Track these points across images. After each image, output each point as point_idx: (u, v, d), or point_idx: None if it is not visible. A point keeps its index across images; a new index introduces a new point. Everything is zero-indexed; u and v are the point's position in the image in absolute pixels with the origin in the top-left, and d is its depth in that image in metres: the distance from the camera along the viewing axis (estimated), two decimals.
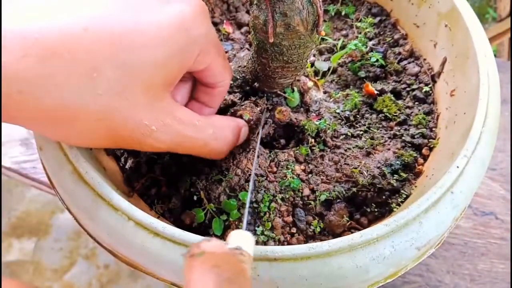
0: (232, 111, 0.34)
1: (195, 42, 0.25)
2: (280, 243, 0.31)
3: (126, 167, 0.35)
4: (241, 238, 0.21)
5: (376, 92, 0.39)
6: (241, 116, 0.34)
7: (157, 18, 0.23)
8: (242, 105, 0.35)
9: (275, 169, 0.34)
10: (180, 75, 0.25)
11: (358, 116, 0.39)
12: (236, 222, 0.31)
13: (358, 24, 0.45)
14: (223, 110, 0.35)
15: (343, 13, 0.47)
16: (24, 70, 0.19)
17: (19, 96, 0.19)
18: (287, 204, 0.33)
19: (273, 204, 0.32)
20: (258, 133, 0.34)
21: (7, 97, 0.19)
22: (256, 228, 0.31)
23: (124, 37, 0.21)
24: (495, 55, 0.35)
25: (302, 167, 0.35)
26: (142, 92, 0.23)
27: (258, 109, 0.35)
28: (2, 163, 0.56)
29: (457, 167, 0.28)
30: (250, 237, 0.22)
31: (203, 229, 0.31)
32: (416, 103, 0.39)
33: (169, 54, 0.23)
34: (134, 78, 0.22)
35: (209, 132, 0.29)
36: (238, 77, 0.36)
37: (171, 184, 0.34)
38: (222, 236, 0.31)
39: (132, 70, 0.22)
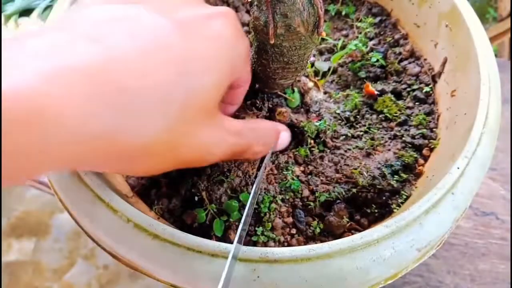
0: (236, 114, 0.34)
1: (239, 56, 0.26)
2: (280, 243, 0.31)
3: None
4: None
5: (376, 92, 0.39)
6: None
7: (211, 41, 0.23)
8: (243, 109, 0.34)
9: (275, 170, 0.34)
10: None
11: (358, 116, 0.39)
12: (236, 223, 0.31)
13: (359, 24, 0.45)
14: None
15: (343, 13, 0.47)
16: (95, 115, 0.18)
17: (93, 142, 0.18)
18: (287, 205, 0.33)
19: (273, 205, 0.32)
20: None
21: (80, 144, 0.18)
22: (256, 229, 0.31)
23: (188, 63, 0.22)
24: (495, 55, 0.35)
25: (302, 168, 0.35)
26: (203, 113, 0.23)
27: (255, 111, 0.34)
28: None
29: (458, 168, 0.28)
30: None
31: (204, 230, 0.31)
32: (417, 103, 0.39)
33: (224, 75, 0.24)
34: (197, 102, 0.23)
35: (251, 136, 0.29)
36: None
37: (172, 185, 0.34)
38: (223, 238, 0.31)
39: (195, 94, 0.22)
